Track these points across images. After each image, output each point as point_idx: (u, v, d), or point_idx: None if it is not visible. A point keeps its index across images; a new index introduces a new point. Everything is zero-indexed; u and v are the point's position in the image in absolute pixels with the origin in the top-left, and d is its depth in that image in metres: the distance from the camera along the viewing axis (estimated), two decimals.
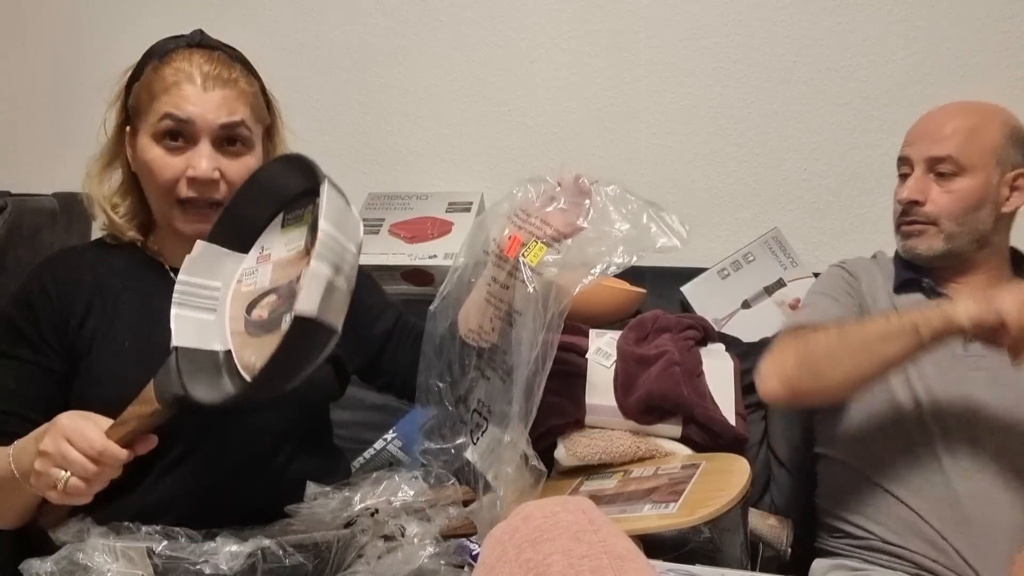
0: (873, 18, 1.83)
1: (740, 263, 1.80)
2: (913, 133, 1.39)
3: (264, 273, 0.97)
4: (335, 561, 0.97)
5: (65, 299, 1.07)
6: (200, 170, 1.04)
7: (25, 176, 2.06)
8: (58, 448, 0.90)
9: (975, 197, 1.31)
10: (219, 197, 1.06)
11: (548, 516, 0.77)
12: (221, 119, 1.05)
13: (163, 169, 1.06)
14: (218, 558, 0.89)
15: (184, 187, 1.06)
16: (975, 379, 1.28)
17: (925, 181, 1.34)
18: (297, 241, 0.96)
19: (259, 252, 0.99)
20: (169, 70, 1.06)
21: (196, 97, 1.05)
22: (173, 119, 1.05)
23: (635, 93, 1.95)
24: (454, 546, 1.03)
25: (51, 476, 0.90)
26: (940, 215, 1.33)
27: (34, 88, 2.21)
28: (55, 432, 0.91)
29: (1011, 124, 1.34)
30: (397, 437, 1.58)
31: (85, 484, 0.90)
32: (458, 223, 1.89)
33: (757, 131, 1.90)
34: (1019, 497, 1.24)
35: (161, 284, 1.09)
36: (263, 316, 0.93)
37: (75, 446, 0.90)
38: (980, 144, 1.32)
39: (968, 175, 1.31)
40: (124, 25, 2.08)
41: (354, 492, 1.01)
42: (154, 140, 1.06)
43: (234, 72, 1.09)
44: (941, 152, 1.32)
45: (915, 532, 1.25)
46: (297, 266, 0.92)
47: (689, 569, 1.09)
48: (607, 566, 0.71)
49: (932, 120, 1.37)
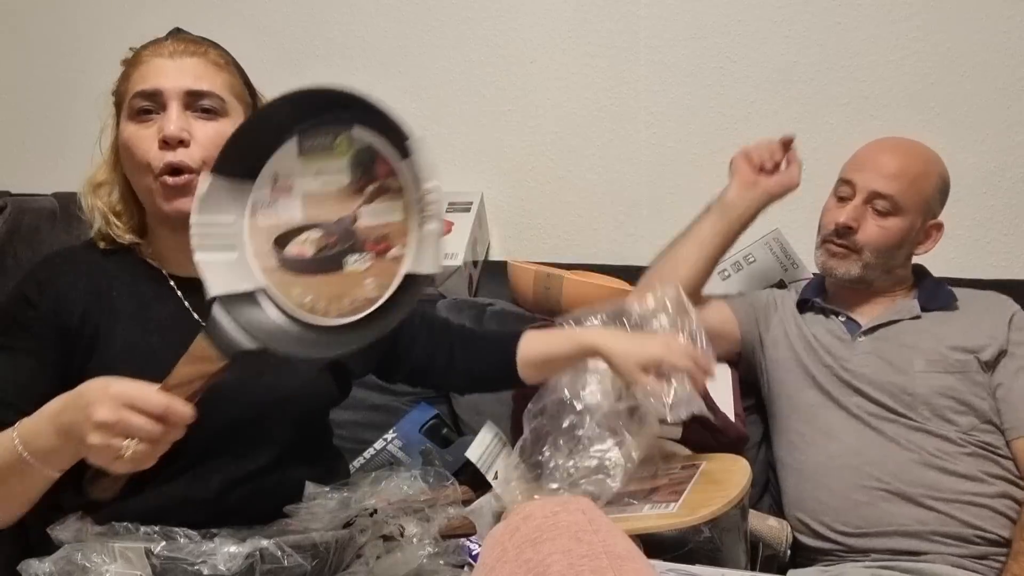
0: (873, 18, 1.83)
1: (741, 264, 1.80)
2: (862, 161, 1.50)
3: (289, 206, 0.93)
4: (334, 561, 0.97)
5: (63, 301, 1.05)
6: (168, 130, 1.03)
7: (25, 176, 2.06)
8: (119, 416, 0.84)
9: (900, 237, 1.46)
10: (191, 163, 1.04)
11: (548, 516, 0.77)
12: (188, 84, 1.05)
13: (138, 142, 1.05)
14: (216, 559, 0.88)
15: (157, 154, 1.04)
16: (861, 360, 1.45)
17: (862, 210, 1.46)
18: (335, 176, 0.91)
19: (272, 182, 0.93)
20: (144, 53, 1.08)
21: (164, 67, 1.05)
22: (142, 95, 1.04)
23: (635, 93, 1.95)
24: (453, 546, 1.03)
25: (113, 447, 0.84)
26: (867, 245, 1.46)
27: (34, 88, 2.21)
28: (109, 400, 0.84)
29: (944, 177, 1.49)
30: (397, 437, 1.58)
31: (151, 447, 0.85)
32: (458, 223, 1.89)
33: (757, 131, 1.90)
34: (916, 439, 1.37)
35: (161, 292, 1.08)
36: (307, 253, 0.91)
37: (138, 409, 0.84)
38: (919, 191, 1.45)
39: (901, 216, 1.45)
40: (124, 25, 2.08)
41: (352, 492, 1.00)
42: (129, 120, 1.06)
43: (203, 47, 1.09)
44: (886, 190, 1.44)
45: (852, 497, 1.36)
46: (345, 204, 0.90)
47: (689, 569, 1.09)
48: (607, 566, 0.71)
49: (884, 155, 1.48)
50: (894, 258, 1.48)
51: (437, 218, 0.85)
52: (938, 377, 1.38)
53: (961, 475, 1.32)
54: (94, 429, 0.84)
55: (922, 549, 1.30)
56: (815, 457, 1.42)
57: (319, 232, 0.90)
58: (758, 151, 1.53)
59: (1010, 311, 1.45)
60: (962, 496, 1.31)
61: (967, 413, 1.36)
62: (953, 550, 1.29)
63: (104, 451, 0.84)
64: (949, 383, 1.38)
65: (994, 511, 1.31)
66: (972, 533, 1.30)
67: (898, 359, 1.42)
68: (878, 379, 1.41)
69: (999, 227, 1.83)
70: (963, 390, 1.37)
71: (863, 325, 1.49)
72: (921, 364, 1.40)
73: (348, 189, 0.90)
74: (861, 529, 1.34)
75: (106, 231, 1.10)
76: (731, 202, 1.52)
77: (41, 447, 0.90)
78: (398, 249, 0.87)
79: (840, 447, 1.39)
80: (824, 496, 1.38)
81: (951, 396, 1.37)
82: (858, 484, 1.36)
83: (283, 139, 0.92)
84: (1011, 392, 1.37)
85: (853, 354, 1.45)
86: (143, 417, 0.84)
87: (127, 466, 0.85)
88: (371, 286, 0.88)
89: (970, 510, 1.30)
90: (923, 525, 1.31)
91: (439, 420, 1.62)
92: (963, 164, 1.80)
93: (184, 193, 1.03)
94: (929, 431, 1.36)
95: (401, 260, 0.87)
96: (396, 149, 0.87)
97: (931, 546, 1.30)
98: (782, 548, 1.37)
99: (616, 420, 1.25)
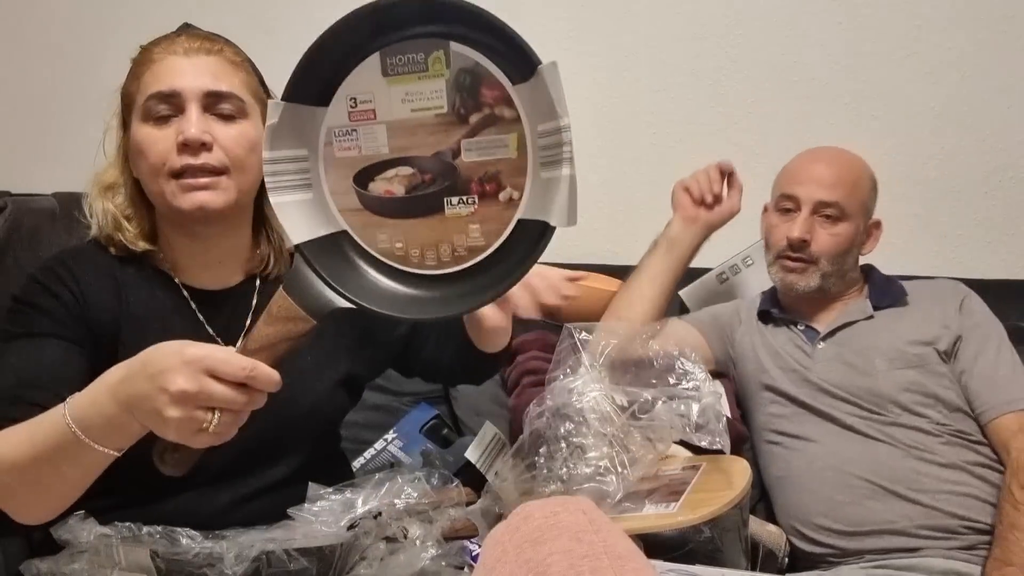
0: (873, 18, 1.83)
1: (739, 267, 1.80)
2: (799, 175, 1.54)
3: (373, 136, 0.80)
4: (339, 565, 0.97)
5: (88, 295, 0.99)
6: (189, 133, 0.96)
7: (25, 176, 2.06)
8: (200, 385, 0.73)
9: (850, 242, 1.51)
10: (216, 164, 0.97)
11: (548, 516, 0.77)
12: (207, 85, 0.99)
13: (153, 144, 0.98)
14: (222, 563, 0.88)
15: (175, 157, 0.97)
16: (825, 367, 1.47)
17: (811, 222, 1.50)
18: (428, 101, 0.78)
19: (349, 106, 0.80)
20: (156, 50, 1.02)
21: (179, 67, 0.99)
22: (158, 96, 0.98)
23: (635, 93, 1.95)
24: (455, 548, 1.03)
25: (196, 420, 0.74)
26: (822, 255, 1.49)
27: (34, 88, 2.21)
28: (186, 367, 0.74)
29: (873, 178, 1.55)
30: (397, 437, 1.58)
31: (234, 417, 0.76)
32: None
33: (757, 131, 1.90)
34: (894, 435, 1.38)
35: (177, 304, 1.03)
36: (396, 192, 0.80)
37: (219, 376, 0.74)
38: (858, 195, 1.51)
39: (848, 221, 1.50)
40: (124, 25, 2.08)
41: (356, 495, 1.00)
42: (143, 122, 1.00)
43: (218, 45, 1.03)
44: (830, 198, 1.49)
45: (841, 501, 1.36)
46: (442, 136, 0.78)
47: (689, 569, 1.09)
48: (607, 566, 0.71)
49: (818, 165, 1.53)
50: (846, 263, 1.52)
51: (569, 162, 0.73)
52: (900, 373, 1.41)
53: (941, 464, 1.34)
54: (171, 401, 0.74)
55: (912, 546, 1.31)
56: (795, 463, 1.43)
57: (410, 168, 0.79)
58: (696, 184, 1.57)
59: (959, 296, 1.48)
60: (944, 486, 1.32)
61: (935, 405, 1.38)
62: (942, 543, 1.30)
63: (185, 424, 0.75)
64: (912, 377, 1.40)
65: (976, 499, 1.32)
66: (958, 524, 1.30)
67: (859, 361, 1.44)
68: (844, 383, 1.43)
69: (999, 227, 1.83)
70: (926, 383, 1.39)
71: (821, 331, 1.52)
72: (882, 363, 1.43)
73: (446, 117, 0.78)
74: (849, 529, 1.34)
75: (117, 237, 1.04)
76: (676, 237, 1.57)
77: (99, 424, 0.80)
78: (510, 192, 0.77)
79: (818, 450, 1.41)
80: (808, 500, 1.39)
81: (916, 391, 1.39)
82: (840, 484, 1.36)
83: (362, 57, 0.79)
84: (973, 378, 1.40)
85: (816, 362, 1.48)
86: (225, 385, 0.74)
87: (210, 439, 0.76)
88: (476, 233, 0.77)
89: (953, 500, 1.31)
90: (910, 520, 1.31)
91: (439, 420, 1.62)
92: (963, 164, 1.81)
93: (206, 189, 0.97)
94: (902, 424, 1.38)
95: (515, 205, 0.77)
96: (510, 71, 0.75)
97: (921, 542, 1.30)
98: (781, 553, 1.37)
99: (623, 436, 1.24)
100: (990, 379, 1.39)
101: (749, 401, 1.55)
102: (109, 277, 1.02)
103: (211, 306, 1.05)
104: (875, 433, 1.38)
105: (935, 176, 1.82)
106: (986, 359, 1.41)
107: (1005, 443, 1.34)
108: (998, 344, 1.43)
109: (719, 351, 1.59)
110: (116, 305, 1.00)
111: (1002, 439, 1.35)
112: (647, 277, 1.56)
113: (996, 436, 1.36)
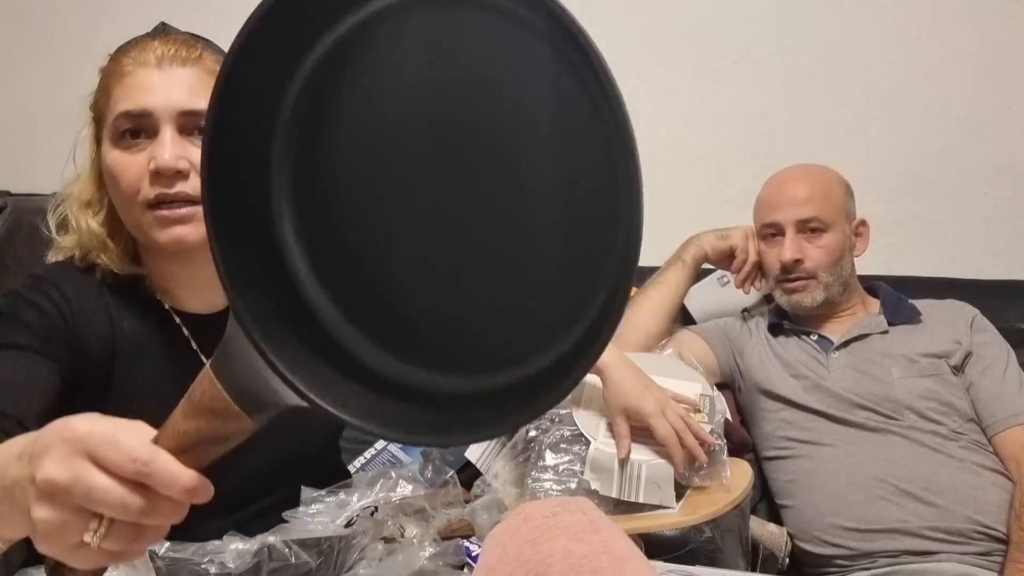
0: (873, 18, 1.83)
1: None
2: (772, 200, 1.58)
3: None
4: (338, 561, 0.96)
5: (80, 316, 0.91)
6: (161, 160, 0.86)
7: (25, 176, 2.06)
8: (75, 474, 0.50)
9: (839, 249, 1.53)
10: (192, 193, 0.87)
11: (548, 516, 0.77)
12: (182, 103, 0.88)
13: (124, 170, 0.89)
14: (224, 556, 0.87)
15: (147, 187, 0.88)
16: (839, 374, 1.48)
17: (799, 241, 1.53)
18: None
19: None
20: (126, 60, 0.92)
21: (151, 82, 0.89)
22: (129, 116, 0.89)
23: (635, 93, 1.94)
24: (452, 547, 1.03)
25: (71, 527, 0.51)
26: (817, 269, 1.53)
27: (34, 88, 2.21)
28: (63, 446, 0.51)
29: (844, 181, 1.59)
30: None
31: (130, 532, 0.52)
32: None
33: (757, 131, 1.90)
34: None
35: (170, 331, 0.95)
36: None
37: (105, 465, 0.51)
38: (834, 202, 1.55)
39: (831, 231, 1.53)
40: (124, 25, 2.08)
41: (350, 494, 1.00)
42: (113, 144, 0.91)
43: (196, 51, 0.93)
44: (808, 214, 1.52)
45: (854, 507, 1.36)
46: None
47: (689, 569, 1.09)
48: (607, 566, 0.71)
49: (788, 186, 1.57)
50: (843, 269, 1.55)
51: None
52: (916, 381, 1.42)
53: (956, 466, 1.34)
54: (38, 496, 0.51)
55: (926, 549, 1.30)
56: (806, 465, 1.43)
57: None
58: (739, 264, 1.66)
59: (970, 315, 1.51)
60: (959, 488, 1.32)
61: (950, 413, 1.40)
62: (957, 548, 1.29)
63: (57, 532, 0.51)
64: (927, 385, 1.42)
65: (992, 505, 1.32)
66: (972, 528, 1.30)
67: (874, 369, 1.46)
68: (859, 390, 1.44)
69: (1000, 227, 1.82)
70: (942, 391, 1.41)
71: (835, 341, 1.53)
72: (897, 371, 1.44)
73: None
74: (862, 527, 1.34)
75: (103, 259, 0.94)
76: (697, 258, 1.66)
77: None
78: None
79: (831, 452, 1.41)
80: (820, 500, 1.39)
81: (932, 398, 1.40)
82: (853, 484, 1.37)
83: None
84: (981, 391, 1.42)
85: (831, 370, 1.49)
86: (113, 480, 0.51)
87: (95, 558, 0.52)
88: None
89: (969, 503, 1.31)
90: (923, 521, 1.31)
91: None
92: (963, 164, 1.80)
93: (183, 222, 0.88)
94: (919, 428, 1.38)
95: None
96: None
97: (935, 545, 1.30)
98: (781, 554, 1.38)
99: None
100: (997, 392, 1.41)
101: (756, 411, 1.55)
102: (99, 302, 0.93)
103: (205, 331, 0.97)
104: (890, 435, 1.39)
105: (935, 176, 1.82)
106: (994, 374, 1.43)
107: (1013, 455, 1.35)
108: (1007, 361, 1.45)
109: (724, 363, 1.61)
110: (108, 333, 0.92)
111: (1010, 451, 1.36)
112: (669, 288, 1.62)
113: (1003, 448, 1.37)
